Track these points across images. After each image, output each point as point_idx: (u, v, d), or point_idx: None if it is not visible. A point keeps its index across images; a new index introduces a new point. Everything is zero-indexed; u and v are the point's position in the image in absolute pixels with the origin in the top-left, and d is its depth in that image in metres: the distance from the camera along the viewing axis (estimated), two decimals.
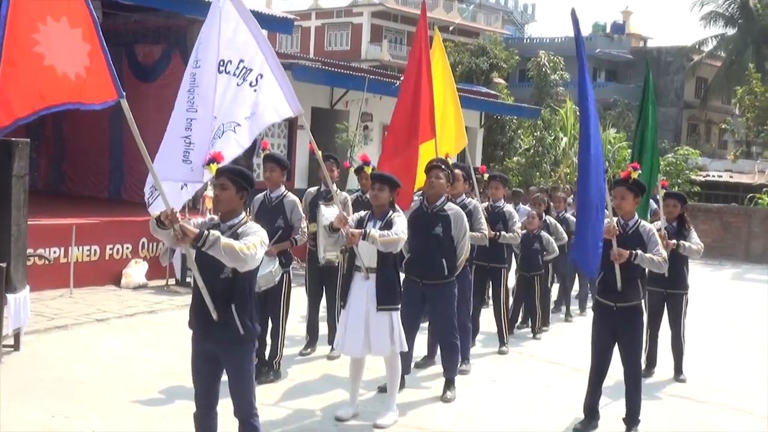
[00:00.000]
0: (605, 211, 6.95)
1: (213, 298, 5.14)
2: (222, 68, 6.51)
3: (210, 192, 12.02)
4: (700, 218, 23.03)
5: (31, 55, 4.69)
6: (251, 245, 4.95)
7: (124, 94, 4.94)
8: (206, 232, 4.83)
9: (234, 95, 6.65)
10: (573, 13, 6.86)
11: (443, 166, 7.87)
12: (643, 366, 9.14)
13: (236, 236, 5.11)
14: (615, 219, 7.05)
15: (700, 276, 16.91)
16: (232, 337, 5.19)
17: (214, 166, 5.50)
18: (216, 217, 5.43)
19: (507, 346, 10.02)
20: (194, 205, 13.41)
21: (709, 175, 34.84)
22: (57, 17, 4.78)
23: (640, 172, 7.12)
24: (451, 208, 7.84)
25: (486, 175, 10.27)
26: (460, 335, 8.58)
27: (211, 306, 5.14)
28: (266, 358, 8.18)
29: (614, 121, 41.79)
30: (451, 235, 7.72)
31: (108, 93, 4.92)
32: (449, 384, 7.96)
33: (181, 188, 6.13)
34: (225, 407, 5.45)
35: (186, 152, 6.66)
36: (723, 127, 48.23)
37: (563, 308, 12.69)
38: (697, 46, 54.27)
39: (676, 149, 31.18)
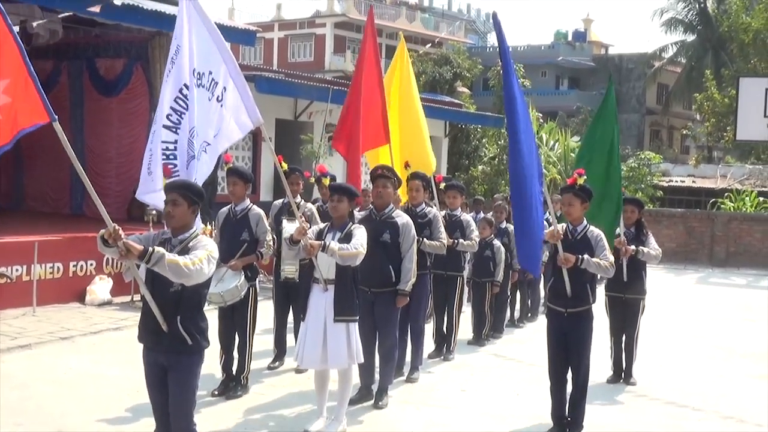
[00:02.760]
0: (546, 214, 7.04)
1: (162, 310, 5.17)
2: (198, 81, 6.47)
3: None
4: (664, 223, 23.26)
5: None
6: (197, 260, 4.97)
7: (56, 117, 4.90)
8: (151, 249, 4.85)
9: (206, 112, 6.64)
10: (494, 17, 6.92)
11: (388, 174, 7.88)
12: (611, 373, 9.29)
13: (187, 250, 5.14)
14: (562, 224, 7.14)
15: (664, 281, 17.10)
16: (180, 347, 5.24)
17: (164, 180, 5.49)
18: (168, 231, 5.40)
19: (453, 354, 10.08)
20: (159, 219, 13.28)
21: (672, 181, 35.18)
22: None
23: (585, 177, 7.17)
24: (400, 216, 7.85)
25: (443, 184, 10.31)
26: (413, 343, 8.71)
27: (161, 318, 5.17)
28: (233, 372, 8.12)
29: (577, 128, 42.04)
30: (399, 242, 7.73)
31: (39, 116, 4.86)
32: (382, 392, 7.96)
33: None
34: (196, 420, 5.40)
35: (149, 164, 6.65)
36: (685, 132, 48.86)
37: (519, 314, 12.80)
38: (657, 53, 54.91)
39: (637, 154, 31.47)
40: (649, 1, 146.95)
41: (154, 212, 11.94)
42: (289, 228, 8.19)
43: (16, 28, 15.60)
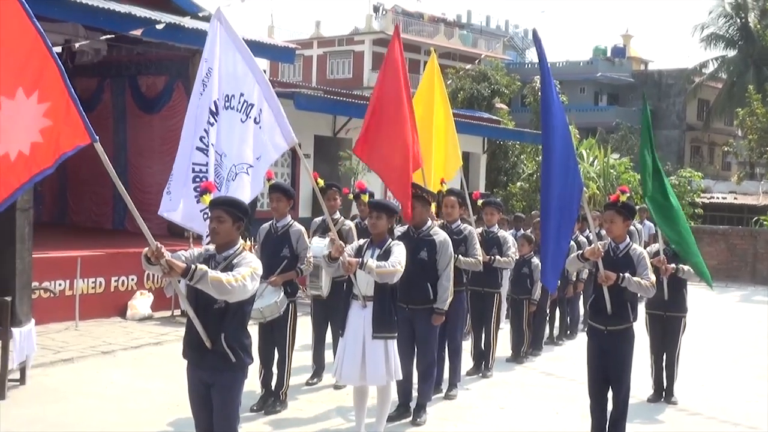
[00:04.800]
0: (587, 231, 7.01)
1: (206, 327, 5.19)
2: (227, 103, 6.51)
3: None
4: (706, 240, 22.97)
5: None
6: (240, 277, 5.00)
7: (98, 138, 4.95)
8: (193, 266, 4.89)
9: (241, 134, 6.68)
10: (535, 33, 6.89)
11: (420, 193, 7.91)
12: (652, 391, 9.19)
13: (231, 267, 5.18)
14: (605, 242, 7.09)
15: (706, 298, 16.87)
16: (224, 364, 5.25)
17: (207, 197, 5.53)
18: (212, 248, 5.45)
19: (492, 371, 10.05)
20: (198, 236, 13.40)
21: (713, 197, 34.81)
22: (29, 92, 4.77)
23: (628, 194, 7.13)
24: (438, 233, 7.85)
25: (480, 201, 10.29)
26: (451, 360, 8.72)
27: (204, 335, 5.19)
28: (272, 388, 8.15)
29: (617, 144, 41.79)
30: (435, 260, 7.72)
31: (81, 138, 4.91)
32: (420, 409, 7.94)
33: (204, 218, 6.15)
34: None
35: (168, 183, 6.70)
36: (726, 149, 48.27)
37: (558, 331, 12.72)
38: (698, 68, 54.36)
39: (678, 172, 31.18)
40: (689, 17, 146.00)
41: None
42: (316, 244, 8.26)
43: (58, 49, 15.96)
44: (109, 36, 14.06)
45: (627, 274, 6.85)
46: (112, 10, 13.15)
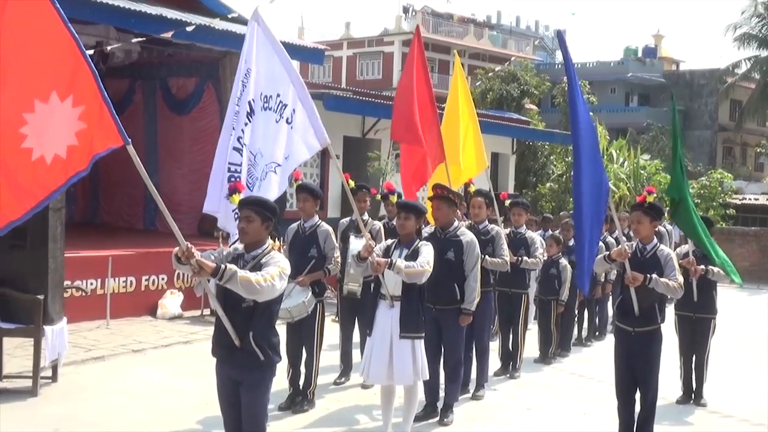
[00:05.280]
0: (616, 233, 7.01)
1: (234, 325, 5.24)
2: (265, 104, 6.54)
3: None
4: (737, 242, 22.78)
5: (19, 153, 4.72)
6: (268, 277, 5.04)
7: (130, 140, 5.01)
8: (223, 266, 4.94)
9: (274, 133, 6.72)
10: (559, 35, 6.89)
11: (444, 194, 7.90)
12: (681, 393, 9.14)
13: (259, 266, 5.22)
14: (632, 242, 7.07)
15: (737, 300, 16.75)
16: (252, 362, 5.30)
17: (236, 197, 5.57)
18: (240, 247, 5.50)
19: (519, 372, 10.03)
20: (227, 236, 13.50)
21: (745, 199, 34.46)
22: (63, 95, 4.82)
23: (655, 195, 7.10)
24: (464, 233, 7.86)
25: (507, 201, 10.29)
26: (478, 360, 8.71)
27: (233, 333, 5.25)
28: (300, 387, 8.20)
29: (648, 145, 41.49)
30: (462, 260, 7.73)
31: (113, 140, 4.97)
32: (447, 409, 7.95)
33: (235, 218, 6.20)
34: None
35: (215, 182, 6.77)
36: (759, 149, 47.75)
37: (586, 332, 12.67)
38: (730, 69, 53.82)
39: (710, 173, 30.93)
40: (722, 17, 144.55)
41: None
42: (356, 245, 8.27)
43: (90, 51, 16.13)
44: (140, 39, 14.20)
45: (654, 276, 6.82)
46: (144, 12, 13.29)
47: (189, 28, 13.42)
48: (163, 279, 12.93)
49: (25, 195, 4.79)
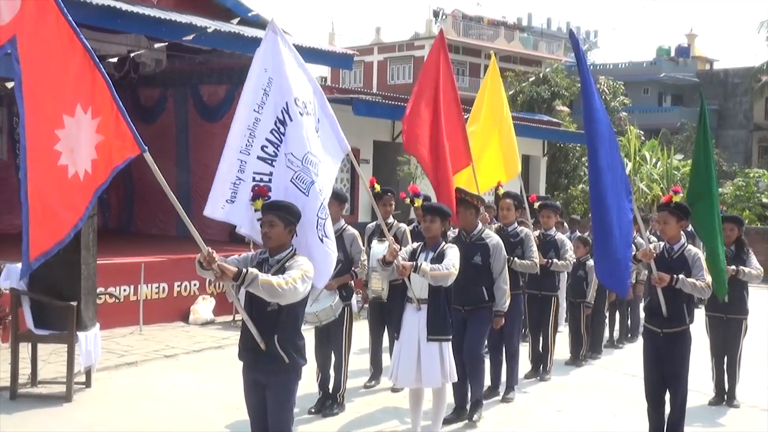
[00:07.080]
0: (632, 232, 6.96)
1: (260, 329, 5.30)
2: (304, 109, 6.48)
3: None
4: None
5: (56, 171, 4.78)
6: (290, 280, 5.08)
7: (146, 148, 5.05)
8: (244, 270, 4.98)
9: (315, 138, 6.71)
10: (572, 34, 6.85)
11: (467, 198, 7.91)
12: (713, 394, 9.06)
13: (283, 270, 5.27)
14: (660, 243, 7.02)
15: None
16: (277, 366, 5.35)
17: (259, 202, 5.61)
18: (265, 251, 5.54)
19: (550, 374, 9.99)
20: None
21: None
22: (85, 108, 4.87)
23: (681, 194, 7.05)
24: (490, 236, 7.86)
25: (537, 204, 10.27)
26: (508, 363, 8.70)
27: (258, 337, 5.31)
28: (330, 390, 8.24)
29: (681, 145, 41.11)
30: (490, 263, 7.73)
31: (130, 149, 5.02)
32: (475, 406, 7.92)
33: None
34: None
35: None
36: None
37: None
38: (765, 67, 53.19)
39: (746, 172, 30.58)
40: (755, 15, 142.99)
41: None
42: (377, 249, 8.30)
43: (114, 59, 16.19)
44: (164, 43, 14.34)
45: (681, 276, 6.78)
46: (173, 20, 13.43)
47: (209, 29, 13.50)
48: (195, 285, 13.03)
49: (56, 224, 4.85)
